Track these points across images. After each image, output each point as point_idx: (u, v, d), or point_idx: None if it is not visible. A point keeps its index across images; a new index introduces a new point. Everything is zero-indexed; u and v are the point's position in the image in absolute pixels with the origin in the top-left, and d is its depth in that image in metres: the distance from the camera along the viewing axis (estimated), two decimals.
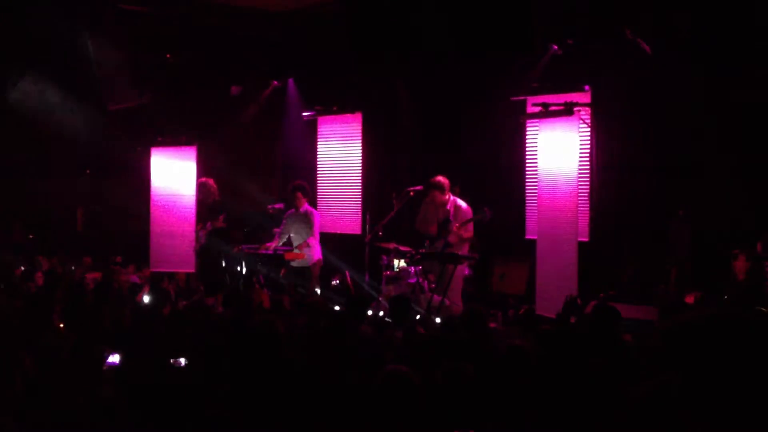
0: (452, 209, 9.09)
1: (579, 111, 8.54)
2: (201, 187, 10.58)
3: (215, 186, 10.62)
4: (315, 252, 10.04)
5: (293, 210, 10.20)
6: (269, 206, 10.53)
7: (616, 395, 3.80)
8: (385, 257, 9.94)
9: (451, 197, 9.17)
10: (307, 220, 10.07)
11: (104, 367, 5.02)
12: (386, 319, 7.52)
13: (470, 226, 9.06)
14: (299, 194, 10.11)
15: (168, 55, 11.70)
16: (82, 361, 4.95)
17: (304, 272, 9.92)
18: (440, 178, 9.13)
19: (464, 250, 9.10)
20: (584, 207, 8.72)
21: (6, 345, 5.04)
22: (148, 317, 6.17)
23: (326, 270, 10.52)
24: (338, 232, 11.43)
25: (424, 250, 9.16)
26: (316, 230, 10.08)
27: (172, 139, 11.06)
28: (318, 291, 9.68)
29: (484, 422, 3.90)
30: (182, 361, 5.13)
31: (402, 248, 9.60)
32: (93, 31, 10.84)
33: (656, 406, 2.12)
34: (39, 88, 11.58)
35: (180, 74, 11.96)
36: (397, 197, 9.76)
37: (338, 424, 3.97)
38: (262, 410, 4.10)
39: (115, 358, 5.07)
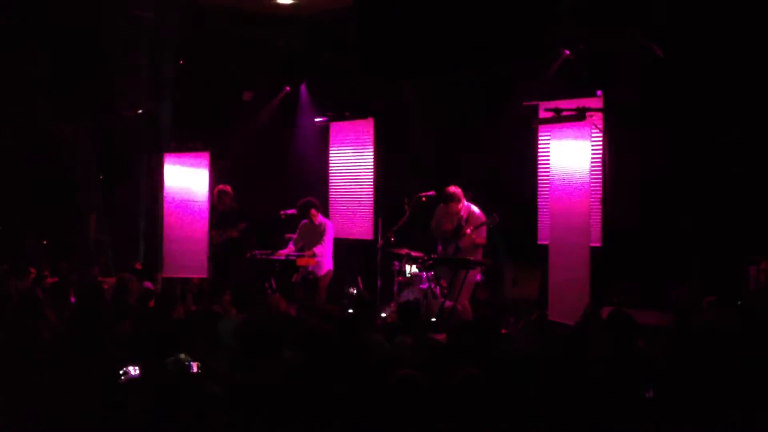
0: (465, 215, 9.15)
1: (591, 116, 8.50)
2: (219, 195, 10.58)
3: (232, 193, 10.63)
4: (326, 262, 10.00)
5: (306, 221, 10.17)
6: (281, 212, 10.53)
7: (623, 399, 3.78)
8: (397, 263, 9.93)
9: (465, 203, 9.21)
10: (320, 231, 10.05)
11: (123, 380, 4.99)
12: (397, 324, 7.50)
13: (483, 232, 9.09)
14: (312, 211, 10.11)
15: (181, 61, 11.74)
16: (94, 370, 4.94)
17: (313, 282, 9.88)
18: (452, 189, 9.20)
19: (477, 256, 9.11)
20: (596, 212, 8.68)
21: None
22: (154, 324, 6.15)
23: (338, 279, 10.51)
24: (350, 237, 11.41)
25: (436, 256, 9.18)
26: (328, 241, 10.05)
27: (185, 145, 11.07)
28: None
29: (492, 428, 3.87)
30: (194, 366, 5.10)
31: (414, 253, 9.60)
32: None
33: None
34: None
35: (192, 80, 11.99)
36: (409, 202, 9.76)
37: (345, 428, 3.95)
38: (267, 413, 4.09)
39: (135, 371, 5.04)
